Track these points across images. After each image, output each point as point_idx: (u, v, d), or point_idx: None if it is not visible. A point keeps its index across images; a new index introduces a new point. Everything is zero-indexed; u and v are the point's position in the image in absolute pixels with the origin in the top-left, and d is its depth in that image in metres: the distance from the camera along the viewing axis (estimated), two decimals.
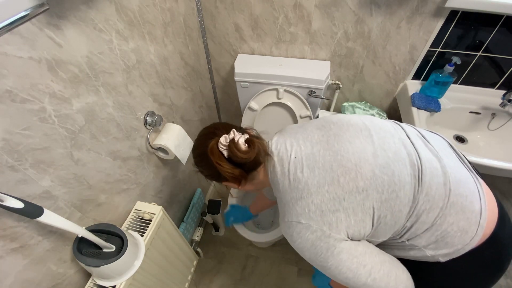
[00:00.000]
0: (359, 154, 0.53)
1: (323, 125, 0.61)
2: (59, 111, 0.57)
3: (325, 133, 0.59)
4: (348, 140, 0.56)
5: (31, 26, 0.48)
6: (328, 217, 0.51)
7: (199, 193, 1.43)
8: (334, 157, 0.54)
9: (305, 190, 0.53)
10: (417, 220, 0.52)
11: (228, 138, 0.59)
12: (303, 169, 0.55)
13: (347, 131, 0.58)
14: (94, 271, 0.69)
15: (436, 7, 0.88)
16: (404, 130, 0.61)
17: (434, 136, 0.63)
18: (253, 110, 1.21)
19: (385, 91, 1.19)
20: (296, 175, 0.55)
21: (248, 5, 1.04)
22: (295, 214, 0.54)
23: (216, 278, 1.42)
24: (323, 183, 0.52)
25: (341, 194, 0.51)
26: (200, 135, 0.67)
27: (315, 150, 0.57)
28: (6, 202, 0.45)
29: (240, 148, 0.57)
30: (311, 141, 0.59)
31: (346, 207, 0.51)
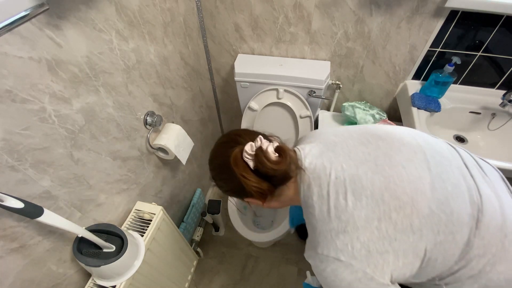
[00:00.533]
0: (415, 185, 0.45)
1: (368, 140, 0.52)
2: (59, 111, 0.57)
3: (372, 151, 0.50)
4: (402, 164, 0.47)
5: (31, 26, 0.48)
6: (374, 258, 0.43)
7: (199, 193, 1.43)
8: (386, 184, 0.45)
9: (350, 223, 0.44)
10: (466, 265, 0.45)
11: (254, 146, 0.50)
12: (346, 195, 0.46)
13: (399, 151, 0.49)
14: (94, 271, 0.69)
15: (436, 7, 0.88)
16: (460, 155, 0.52)
17: (487, 165, 0.54)
18: (253, 110, 1.21)
19: (385, 91, 1.19)
20: (338, 201, 0.46)
21: (248, 5, 1.04)
22: (333, 248, 0.45)
23: (216, 278, 1.42)
24: (372, 218, 0.44)
25: (393, 233, 0.43)
26: (218, 144, 0.58)
27: (361, 171, 0.47)
28: (6, 202, 0.46)
29: (269, 157, 0.49)
30: (354, 159, 0.49)
31: (397, 249, 0.43)
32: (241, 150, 0.50)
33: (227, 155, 0.51)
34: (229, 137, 0.57)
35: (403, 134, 0.53)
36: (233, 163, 0.50)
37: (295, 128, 1.22)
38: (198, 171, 1.44)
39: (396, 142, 0.51)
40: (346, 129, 0.57)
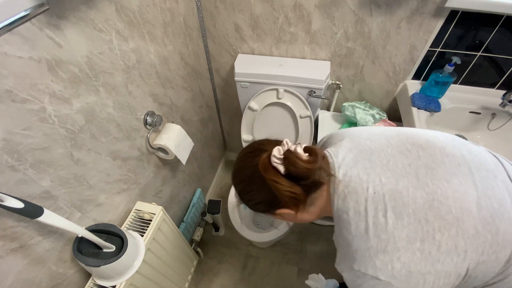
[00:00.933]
0: (461, 203, 0.42)
1: (408, 148, 0.48)
2: (59, 111, 0.57)
3: (413, 161, 0.46)
4: (445, 179, 0.44)
5: (31, 26, 0.48)
6: (415, 279, 0.41)
7: (199, 193, 1.43)
8: (430, 202, 0.43)
9: (391, 243, 0.42)
10: (503, 279, 0.44)
11: (282, 149, 0.47)
12: (386, 212, 0.43)
13: (441, 163, 0.46)
14: (94, 271, 0.69)
15: (436, 7, 0.88)
16: (504, 167, 0.49)
17: None
18: (253, 110, 1.21)
19: (385, 91, 1.19)
20: (377, 219, 0.43)
21: (248, 5, 1.04)
22: (372, 267, 0.43)
23: (216, 278, 1.42)
24: (415, 238, 0.41)
25: (436, 254, 0.41)
26: (242, 155, 0.54)
27: (401, 186, 0.44)
28: (6, 202, 0.46)
29: (301, 157, 0.46)
30: (393, 171, 0.46)
31: (439, 270, 0.41)
32: (269, 156, 0.48)
33: (254, 164, 0.49)
34: (252, 147, 0.54)
35: (445, 142, 0.49)
36: (262, 169, 0.47)
37: (295, 128, 1.22)
38: (198, 171, 1.44)
39: (438, 152, 0.47)
40: (382, 132, 0.53)
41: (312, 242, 1.51)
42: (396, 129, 0.54)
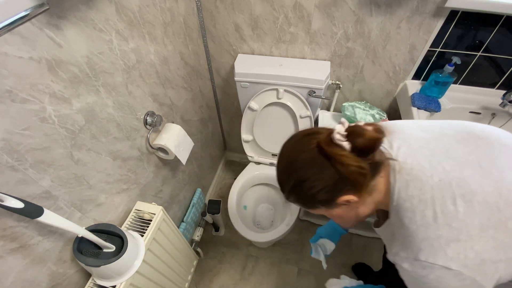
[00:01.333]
0: None
1: (464, 137, 0.48)
2: (59, 111, 0.57)
3: (473, 150, 0.46)
4: (509, 167, 0.44)
5: (31, 26, 0.48)
6: (486, 267, 0.41)
7: (199, 193, 1.43)
8: (499, 190, 0.43)
9: (464, 231, 0.42)
10: None
11: (344, 126, 0.45)
12: (455, 200, 0.42)
13: (501, 152, 0.46)
14: (94, 271, 0.69)
15: (436, 7, 0.88)
16: None
17: None
18: (253, 110, 1.21)
19: (385, 91, 1.19)
20: (446, 207, 0.42)
21: (248, 5, 1.04)
22: (442, 257, 0.42)
23: (216, 278, 1.42)
24: (487, 226, 0.41)
25: (509, 242, 0.41)
26: (293, 144, 0.51)
27: (467, 174, 0.44)
28: (6, 202, 0.45)
29: (367, 128, 0.44)
30: (455, 159, 0.45)
31: (510, 257, 0.42)
32: (329, 134, 0.45)
33: (313, 146, 0.46)
34: (303, 133, 0.51)
35: (499, 133, 0.49)
36: (326, 146, 0.44)
37: (295, 128, 1.22)
38: (198, 171, 1.44)
39: (495, 142, 0.47)
40: (434, 123, 0.52)
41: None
42: (449, 121, 0.53)
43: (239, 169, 1.48)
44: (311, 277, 1.41)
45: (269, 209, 1.57)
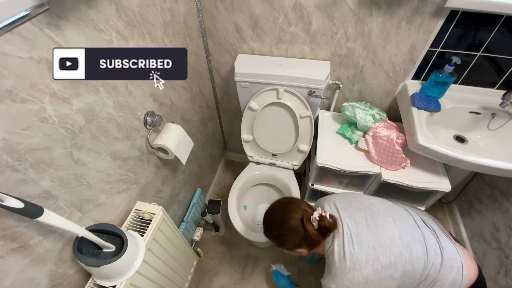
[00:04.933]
0: (391, 238, 0.72)
1: (360, 207, 0.80)
2: (59, 111, 0.57)
3: (363, 215, 0.77)
4: (382, 225, 0.75)
5: (31, 26, 0.48)
6: (369, 285, 0.69)
7: (199, 193, 1.43)
8: (375, 238, 0.72)
9: (357, 263, 0.70)
10: (424, 280, 0.74)
11: (318, 213, 0.76)
12: (354, 244, 0.72)
13: (378, 216, 0.77)
14: (94, 271, 0.69)
15: (436, 7, 0.88)
16: (411, 215, 0.82)
17: (429, 218, 0.86)
18: (253, 110, 1.21)
19: (385, 91, 1.19)
20: (349, 248, 0.72)
21: (248, 5, 1.04)
22: (346, 279, 0.70)
23: (216, 278, 1.42)
24: (369, 259, 0.70)
25: (380, 268, 0.69)
26: (286, 208, 0.82)
27: (360, 229, 0.74)
28: (6, 202, 0.46)
29: (329, 221, 0.75)
30: (355, 220, 0.76)
31: (383, 278, 0.69)
32: (309, 216, 0.77)
33: (298, 217, 0.78)
34: (294, 204, 0.82)
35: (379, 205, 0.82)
36: (306, 222, 0.76)
37: (295, 128, 1.22)
38: (198, 171, 1.44)
39: (376, 210, 0.79)
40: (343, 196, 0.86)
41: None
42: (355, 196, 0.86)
43: (239, 169, 1.48)
44: (311, 277, 1.41)
45: None
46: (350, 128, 1.19)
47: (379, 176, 1.06)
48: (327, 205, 0.84)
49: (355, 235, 0.73)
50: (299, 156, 1.35)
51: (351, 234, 0.74)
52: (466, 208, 1.49)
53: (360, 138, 1.14)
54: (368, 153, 1.11)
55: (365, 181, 1.16)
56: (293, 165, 1.38)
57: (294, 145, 1.27)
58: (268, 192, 1.55)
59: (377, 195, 1.16)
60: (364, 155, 1.12)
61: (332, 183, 1.24)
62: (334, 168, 1.08)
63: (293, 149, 1.30)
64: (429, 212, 1.64)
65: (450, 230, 1.57)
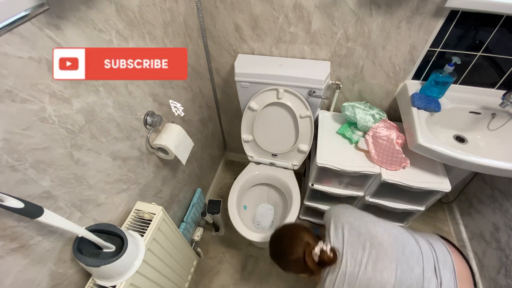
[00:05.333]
0: (385, 286, 0.74)
1: (366, 246, 0.79)
2: (59, 111, 0.57)
3: (367, 255, 0.77)
4: (380, 270, 0.75)
5: (31, 26, 0.48)
6: None
7: (199, 193, 1.43)
8: (368, 284, 0.74)
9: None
10: None
11: (319, 249, 0.79)
12: (344, 285, 0.75)
13: (381, 261, 0.76)
14: (94, 271, 0.69)
15: (436, 7, 0.88)
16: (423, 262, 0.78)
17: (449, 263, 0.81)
18: (253, 110, 1.21)
19: (385, 91, 1.19)
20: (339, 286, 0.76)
21: (248, 5, 1.04)
22: None
23: (216, 278, 1.42)
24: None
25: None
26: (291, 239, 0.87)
27: (356, 270, 0.75)
28: (6, 202, 0.46)
29: (329, 256, 0.78)
30: (355, 259, 0.77)
31: None
32: (311, 250, 0.80)
33: (301, 251, 0.82)
34: (299, 236, 0.86)
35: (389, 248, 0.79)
36: (307, 256, 0.80)
37: (295, 128, 1.22)
38: (198, 171, 1.44)
39: (382, 252, 0.78)
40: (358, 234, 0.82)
41: None
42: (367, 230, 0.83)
43: (239, 169, 1.48)
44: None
45: (269, 209, 1.56)
46: (350, 128, 1.19)
47: (379, 176, 1.06)
48: (334, 229, 0.84)
49: (349, 276, 0.75)
50: (299, 156, 1.35)
51: (346, 273, 0.76)
52: (466, 208, 1.49)
53: (360, 138, 1.14)
54: (368, 153, 1.11)
55: (365, 181, 1.16)
56: (293, 165, 1.38)
57: (294, 145, 1.27)
58: (268, 192, 1.55)
59: (377, 195, 1.17)
60: (364, 155, 1.12)
61: (332, 183, 1.24)
62: (334, 168, 1.08)
63: (293, 149, 1.30)
64: (429, 212, 1.64)
65: (450, 230, 1.57)
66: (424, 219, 1.62)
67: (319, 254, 0.79)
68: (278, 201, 1.52)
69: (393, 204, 1.18)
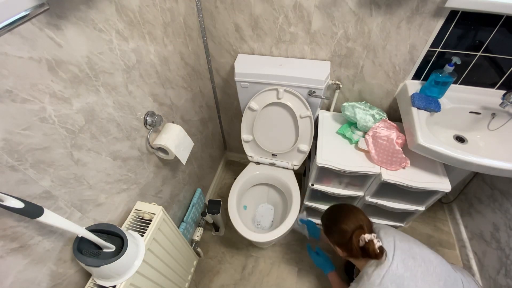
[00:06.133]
0: None
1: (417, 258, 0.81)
2: (59, 111, 0.57)
3: (417, 266, 0.79)
4: (429, 284, 0.77)
5: (31, 26, 0.48)
6: None
7: (199, 193, 1.43)
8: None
9: None
10: None
11: (368, 237, 0.82)
12: (392, 284, 0.76)
13: (430, 276, 0.78)
14: (94, 271, 0.69)
15: (436, 7, 0.88)
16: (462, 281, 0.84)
17: None
18: (253, 110, 1.21)
19: (385, 91, 1.19)
20: (386, 284, 0.76)
21: (248, 5, 1.04)
22: None
23: (216, 278, 1.42)
24: None
25: None
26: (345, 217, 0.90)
27: (406, 275, 0.77)
28: (6, 202, 0.45)
29: (375, 249, 0.80)
30: (406, 265, 0.79)
31: None
32: (360, 233, 0.85)
33: (351, 230, 0.86)
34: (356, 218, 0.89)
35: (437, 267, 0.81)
36: (355, 237, 0.85)
37: (295, 128, 1.22)
38: (198, 171, 1.44)
39: (431, 268, 0.80)
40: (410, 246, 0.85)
41: (312, 242, 1.51)
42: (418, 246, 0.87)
43: (239, 169, 1.48)
44: (311, 277, 1.41)
45: (269, 209, 1.57)
46: (350, 128, 1.19)
47: (379, 176, 1.06)
48: (384, 234, 0.87)
49: (398, 278, 0.76)
50: (299, 156, 1.35)
51: (396, 275, 0.77)
52: (466, 208, 1.49)
53: (360, 138, 1.14)
54: (368, 153, 1.11)
55: (365, 181, 1.16)
56: (293, 165, 1.38)
57: (294, 145, 1.27)
58: (268, 192, 1.55)
59: (377, 195, 1.17)
60: (364, 155, 1.12)
61: (332, 183, 1.24)
62: (334, 168, 1.08)
63: (293, 149, 1.30)
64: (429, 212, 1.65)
65: (450, 230, 1.57)
66: (424, 219, 1.62)
67: (367, 242, 0.82)
68: (278, 201, 1.52)
69: (393, 204, 1.18)
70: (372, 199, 1.20)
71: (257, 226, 1.50)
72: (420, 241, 0.92)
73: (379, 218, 1.33)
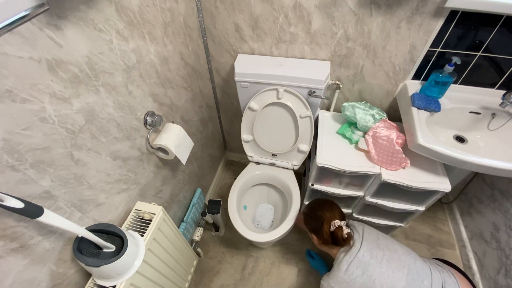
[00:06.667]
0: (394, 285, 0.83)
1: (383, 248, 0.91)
2: (59, 111, 0.57)
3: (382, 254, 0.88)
4: (392, 270, 0.86)
5: (31, 26, 0.48)
6: None
7: (199, 193, 1.43)
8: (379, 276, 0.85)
9: (351, 282, 0.86)
10: None
11: (337, 224, 0.95)
12: (358, 269, 0.86)
13: (395, 263, 0.88)
14: (94, 271, 0.69)
15: (436, 7, 0.88)
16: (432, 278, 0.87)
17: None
18: (253, 110, 1.21)
19: (385, 91, 1.19)
20: (352, 269, 0.87)
21: (248, 5, 1.04)
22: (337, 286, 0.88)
23: (216, 278, 1.42)
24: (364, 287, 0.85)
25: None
26: (321, 206, 1.04)
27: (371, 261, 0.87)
28: (6, 202, 0.46)
29: (343, 234, 0.92)
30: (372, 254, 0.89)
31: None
32: (332, 220, 0.97)
33: (324, 217, 0.99)
34: (328, 208, 1.02)
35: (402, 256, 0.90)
36: (326, 223, 0.97)
37: (295, 128, 1.22)
38: (198, 171, 1.44)
39: (396, 256, 0.89)
40: (377, 237, 0.96)
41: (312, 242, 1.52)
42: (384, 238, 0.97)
43: (239, 169, 1.48)
44: (311, 277, 1.41)
45: (269, 209, 1.57)
46: (350, 128, 1.19)
47: (379, 176, 1.06)
48: (357, 227, 0.98)
49: (363, 264, 0.85)
50: (299, 156, 1.35)
51: (362, 261, 0.86)
52: (466, 208, 1.49)
53: (360, 138, 1.14)
54: (368, 153, 1.11)
55: (365, 181, 1.16)
56: (293, 165, 1.38)
57: (294, 145, 1.27)
58: (268, 192, 1.55)
59: (377, 195, 1.16)
60: (364, 155, 1.12)
61: (332, 183, 1.24)
62: (334, 168, 1.08)
63: (293, 149, 1.30)
64: (429, 212, 1.65)
65: (450, 230, 1.57)
66: (424, 219, 1.62)
67: (336, 227, 0.93)
68: (278, 201, 1.52)
69: (393, 204, 1.18)
70: (372, 199, 1.20)
71: (257, 226, 1.50)
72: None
73: (379, 218, 1.33)
